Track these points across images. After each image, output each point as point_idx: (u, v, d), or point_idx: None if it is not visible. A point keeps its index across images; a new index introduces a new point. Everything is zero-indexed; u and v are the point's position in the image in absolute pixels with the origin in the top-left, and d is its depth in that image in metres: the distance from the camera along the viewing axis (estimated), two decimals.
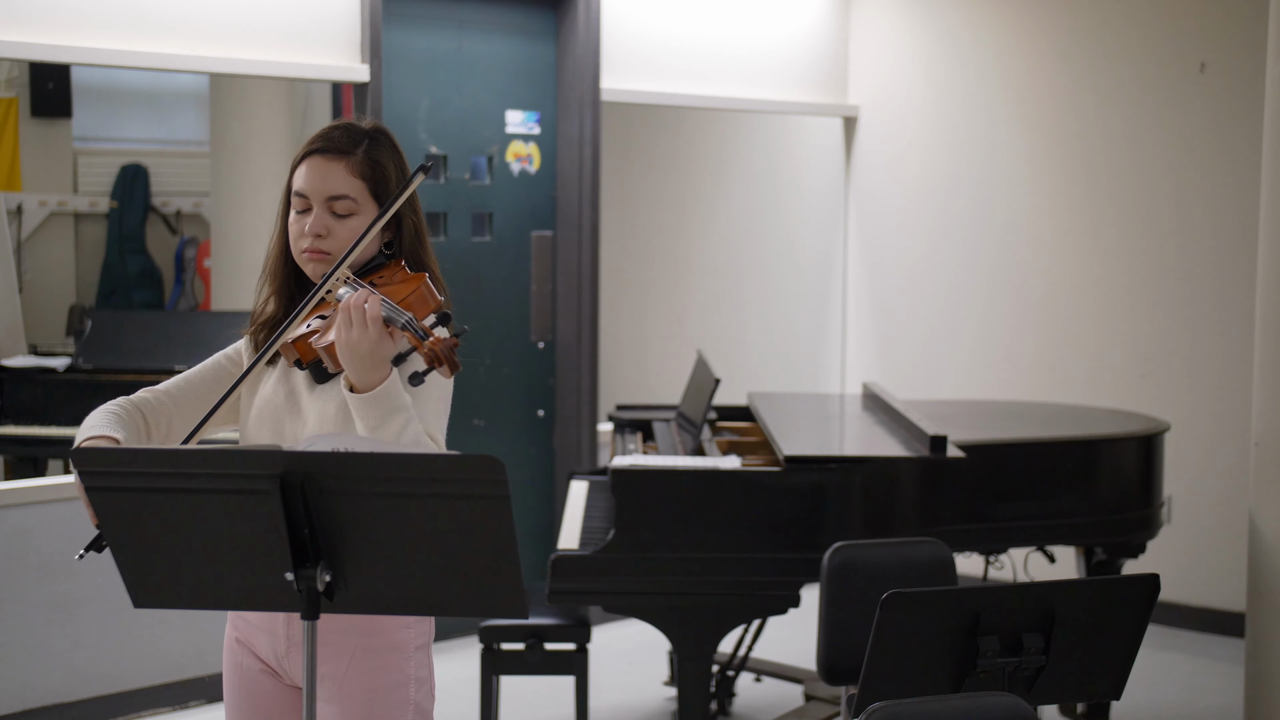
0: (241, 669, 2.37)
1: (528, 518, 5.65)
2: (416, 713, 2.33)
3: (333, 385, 2.29)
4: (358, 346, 2.09)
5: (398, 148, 2.35)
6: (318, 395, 2.29)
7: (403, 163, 2.34)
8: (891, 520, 3.71)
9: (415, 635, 2.34)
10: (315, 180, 2.26)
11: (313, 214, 2.26)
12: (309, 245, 2.26)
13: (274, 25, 4.75)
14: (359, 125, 2.33)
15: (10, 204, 6.77)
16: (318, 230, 2.25)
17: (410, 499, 1.88)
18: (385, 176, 2.30)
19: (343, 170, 2.26)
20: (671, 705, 4.76)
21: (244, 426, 2.35)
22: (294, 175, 2.30)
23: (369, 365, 2.10)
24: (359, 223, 2.27)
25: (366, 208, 2.28)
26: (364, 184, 2.27)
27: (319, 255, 2.26)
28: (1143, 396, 5.66)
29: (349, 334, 2.09)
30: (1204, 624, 5.61)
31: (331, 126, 2.32)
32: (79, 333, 5.79)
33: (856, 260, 6.67)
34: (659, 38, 5.85)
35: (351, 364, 2.11)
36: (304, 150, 2.30)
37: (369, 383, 2.11)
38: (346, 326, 2.10)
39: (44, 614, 4.43)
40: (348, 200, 2.26)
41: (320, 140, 2.29)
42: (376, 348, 2.10)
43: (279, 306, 2.34)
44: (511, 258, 5.63)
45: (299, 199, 2.28)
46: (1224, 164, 5.49)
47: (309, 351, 2.22)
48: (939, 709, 2.28)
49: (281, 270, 2.34)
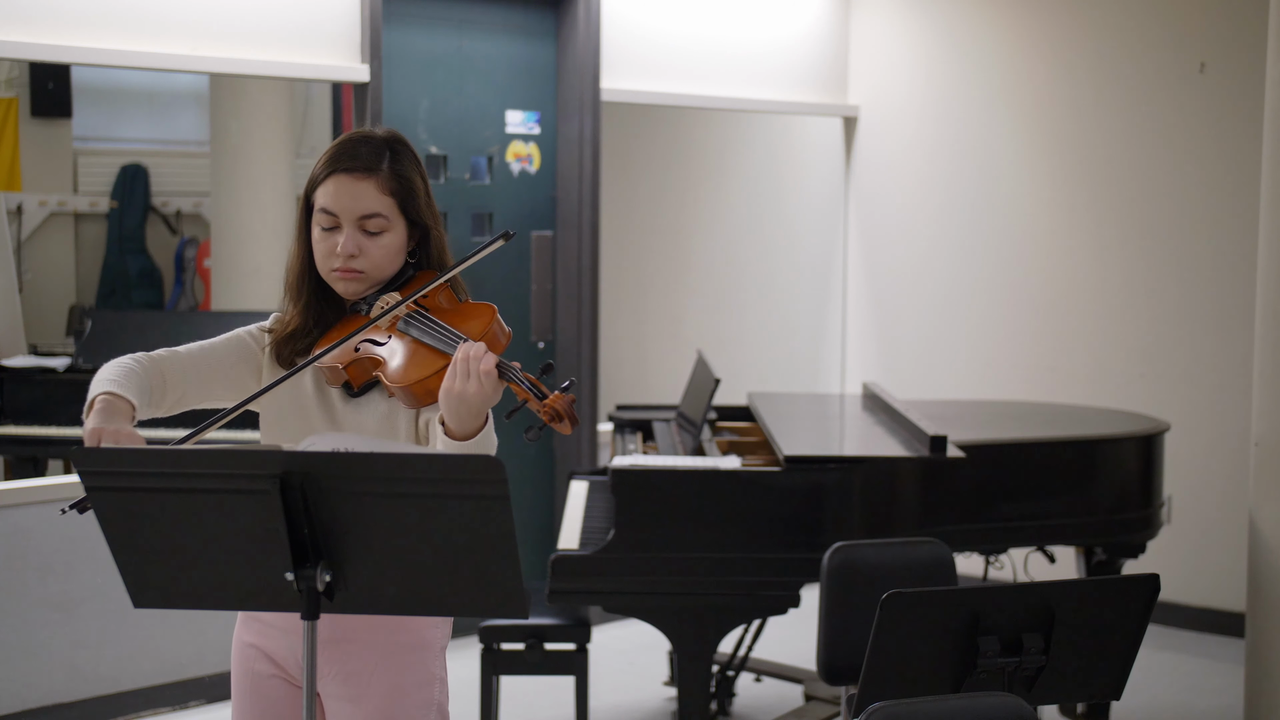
0: (252, 674, 2.34)
1: (528, 518, 5.65)
2: (439, 714, 2.32)
3: (370, 399, 2.28)
4: (472, 400, 2.07)
5: (416, 155, 2.34)
6: (354, 407, 2.28)
7: (423, 170, 2.34)
8: (891, 520, 3.71)
9: (441, 635, 2.34)
10: (346, 200, 2.24)
11: (344, 234, 2.24)
12: (341, 265, 2.25)
13: (274, 25, 4.75)
14: (376, 135, 2.30)
15: (10, 204, 6.78)
16: (351, 250, 2.24)
17: (410, 499, 1.88)
18: (413, 190, 2.29)
19: (373, 189, 2.25)
20: (671, 705, 4.76)
21: (265, 415, 2.32)
22: (318, 192, 2.27)
23: (473, 414, 2.08)
24: (391, 239, 2.27)
25: (397, 223, 2.27)
26: (393, 200, 2.27)
27: (353, 274, 2.26)
28: (1143, 396, 5.66)
29: (464, 385, 2.06)
30: (1204, 624, 5.61)
31: (351, 140, 2.29)
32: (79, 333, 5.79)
33: (856, 260, 6.67)
34: (659, 38, 5.85)
35: (456, 412, 2.08)
36: (328, 168, 2.26)
37: (469, 430, 2.09)
38: (463, 378, 2.07)
39: (44, 614, 4.43)
40: (380, 219, 2.25)
41: (346, 158, 2.26)
42: (488, 400, 2.08)
43: (304, 322, 2.32)
44: (511, 258, 5.63)
45: (327, 216, 2.26)
46: (1224, 164, 5.49)
47: (361, 375, 2.22)
48: (939, 709, 2.28)
49: (305, 287, 2.32)
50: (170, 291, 7.36)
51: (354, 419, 2.28)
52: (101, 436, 2.04)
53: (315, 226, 2.28)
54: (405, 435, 2.27)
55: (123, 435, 2.05)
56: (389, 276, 2.29)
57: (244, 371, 2.32)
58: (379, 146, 2.28)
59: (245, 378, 2.32)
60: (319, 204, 2.27)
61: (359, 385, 2.26)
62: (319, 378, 2.31)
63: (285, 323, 2.34)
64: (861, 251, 6.64)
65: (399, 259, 2.30)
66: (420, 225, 2.31)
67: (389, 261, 2.28)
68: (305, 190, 2.31)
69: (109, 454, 1.95)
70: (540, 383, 2.14)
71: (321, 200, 2.26)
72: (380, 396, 2.29)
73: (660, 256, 6.73)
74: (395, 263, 2.29)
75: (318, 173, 2.28)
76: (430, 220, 2.32)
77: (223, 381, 2.29)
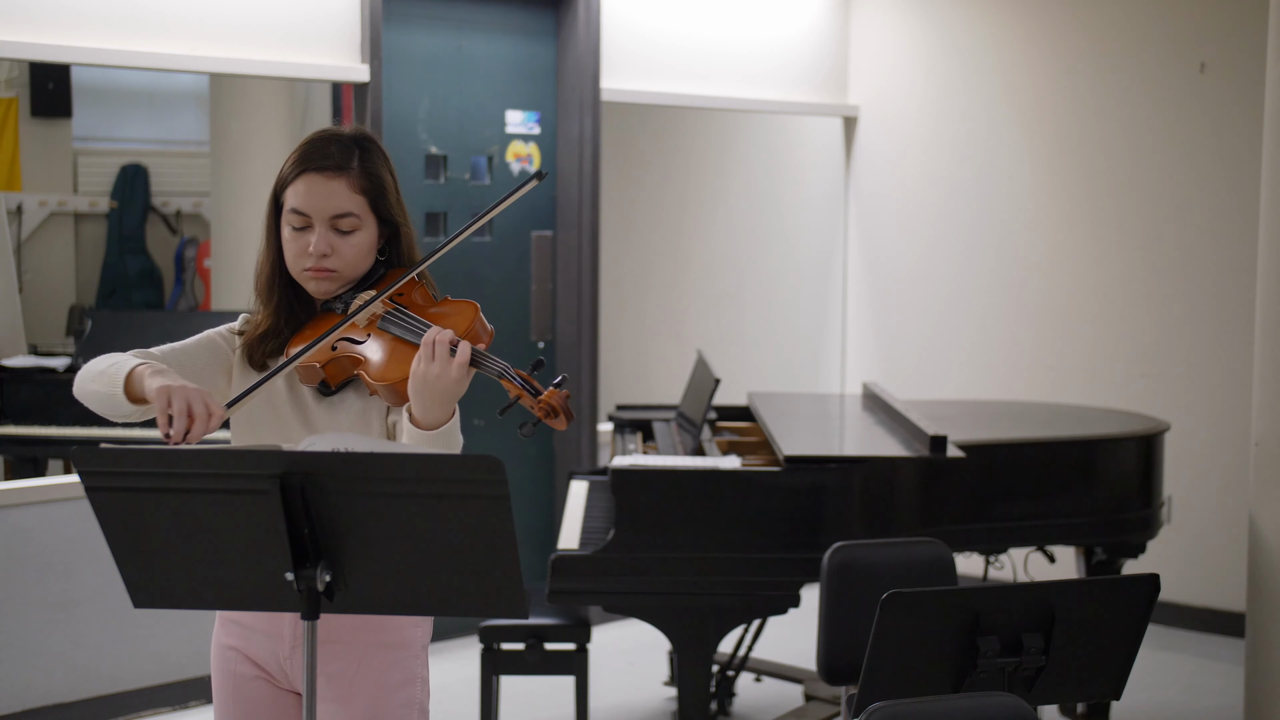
0: (234, 676, 2.33)
1: (528, 518, 5.65)
2: (420, 713, 2.32)
3: (344, 398, 2.28)
4: (436, 383, 2.07)
5: (385, 153, 2.34)
6: (327, 407, 2.28)
7: (392, 168, 2.34)
8: (891, 520, 3.71)
9: (421, 634, 2.34)
10: (317, 200, 2.24)
11: (315, 233, 2.24)
12: (314, 264, 2.25)
13: (274, 25, 4.75)
14: (344, 134, 2.30)
15: (10, 204, 6.77)
16: (323, 250, 2.24)
17: (410, 499, 1.88)
18: (384, 187, 2.29)
19: (344, 187, 2.25)
20: (671, 705, 4.76)
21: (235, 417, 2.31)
22: (288, 192, 2.27)
23: (441, 402, 2.09)
24: (362, 238, 2.27)
25: (368, 222, 2.28)
26: (364, 198, 2.27)
27: (325, 274, 2.25)
28: (1143, 396, 5.66)
29: (429, 368, 2.07)
30: (1204, 624, 5.61)
31: (319, 140, 2.28)
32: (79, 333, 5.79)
33: (856, 260, 6.67)
34: (659, 38, 5.85)
35: (422, 399, 2.08)
36: (297, 168, 2.26)
37: (434, 420, 2.09)
38: (429, 360, 2.08)
39: (44, 614, 4.43)
40: (352, 217, 2.25)
41: (316, 157, 2.25)
42: (455, 386, 2.08)
43: (275, 323, 2.31)
44: (511, 258, 5.63)
45: (298, 216, 2.25)
46: (1224, 164, 5.49)
47: (339, 374, 2.22)
48: (939, 709, 2.28)
49: (276, 288, 2.31)
50: (170, 291, 7.36)
51: (328, 418, 2.27)
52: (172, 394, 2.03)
53: (285, 226, 2.28)
54: (378, 435, 2.27)
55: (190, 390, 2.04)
56: (361, 275, 2.29)
57: (215, 372, 2.31)
58: (348, 145, 2.28)
59: (217, 378, 2.31)
60: (289, 204, 2.26)
61: (336, 384, 2.25)
62: (292, 377, 2.30)
63: (256, 324, 2.32)
64: (861, 251, 6.64)
65: (370, 257, 2.30)
66: (390, 223, 2.31)
67: (361, 260, 2.28)
68: (274, 190, 2.30)
69: (109, 454, 1.95)
70: (533, 379, 2.13)
71: (292, 200, 2.26)
72: (355, 395, 2.28)
73: (660, 256, 6.73)
74: (367, 261, 2.29)
75: (286, 172, 2.28)
76: (400, 218, 2.32)
77: (194, 382, 2.28)
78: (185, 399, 2.03)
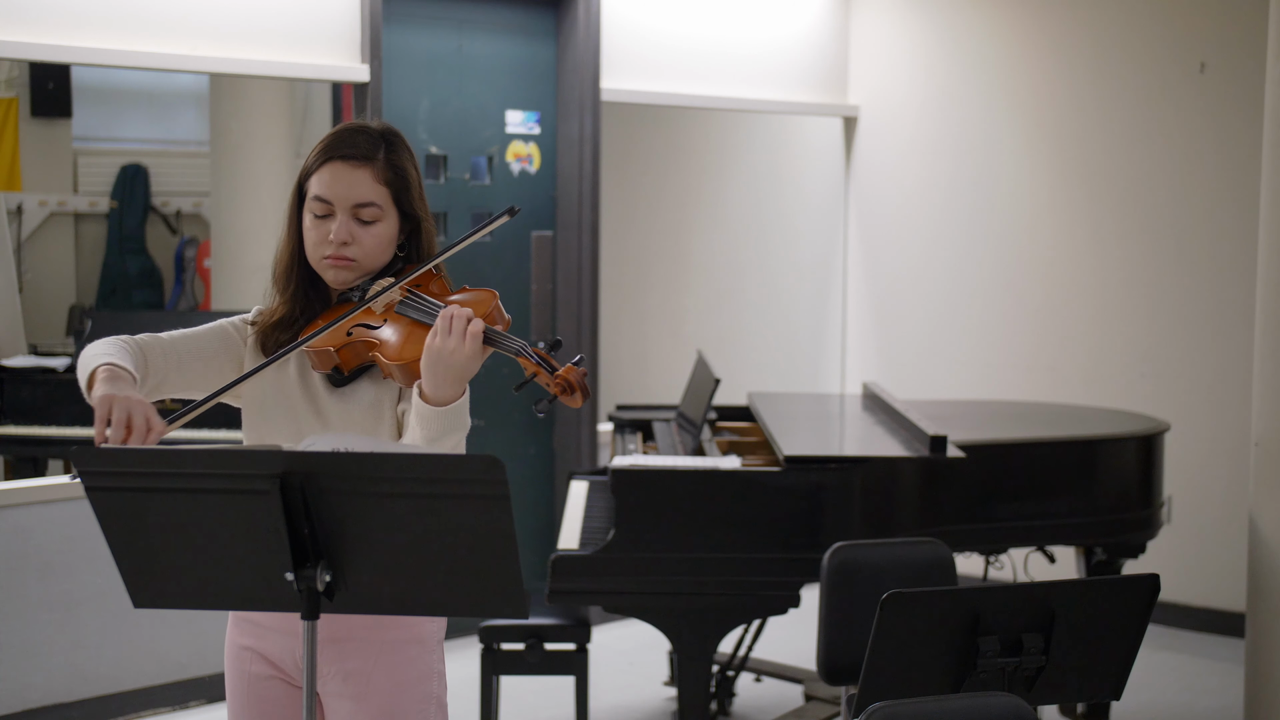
0: (248, 676, 2.33)
1: (528, 518, 5.65)
2: (438, 707, 2.32)
3: (356, 388, 2.28)
4: (450, 357, 2.08)
5: (410, 149, 2.34)
6: (339, 398, 2.28)
7: (416, 163, 2.35)
8: (891, 520, 3.71)
9: (436, 629, 2.34)
10: (341, 188, 2.24)
11: (337, 221, 2.24)
12: (333, 252, 2.25)
13: (274, 25, 4.75)
14: (371, 127, 2.31)
15: (10, 204, 6.77)
16: (344, 238, 2.24)
17: (410, 499, 1.88)
18: (407, 181, 2.29)
19: (368, 177, 2.25)
20: (671, 705, 4.76)
21: (247, 408, 2.32)
22: (312, 180, 2.27)
23: (453, 378, 2.09)
24: (383, 229, 2.27)
25: (390, 214, 2.28)
26: (388, 190, 2.27)
27: (344, 262, 2.25)
28: (1143, 396, 5.66)
29: (445, 342, 2.08)
30: (1204, 624, 5.61)
31: (346, 130, 2.29)
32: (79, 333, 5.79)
33: (856, 260, 6.67)
34: (659, 38, 5.85)
35: (435, 373, 2.09)
36: (322, 155, 2.27)
37: (445, 397, 2.09)
38: (445, 334, 2.08)
39: (44, 614, 4.43)
40: (374, 208, 2.26)
41: (342, 145, 2.26)
42: (469, 362, 2.09)
43: (291, 310, 2.31)
44: (511, 258, 5.63)
45: (320, 204, 2.25)
46: (1224, 164, 5.49)
47: (354, 359, 2.22)
48: (939, 709, 2.28)
49: (294, 275, 2.31)
50: (170, 291, 7.36)
51: (340, 409, 2.27)
52: (113, 403, 2.02)
53: (307, 214, 2.28)
54: (390, 424, 2.27)
55: (133, 402, 2.03)
56: (379, 267, 2.30)
57: (225, 361, 2.31)
58: (375, 137, 2.29)
59: (225, 367, 2.31)
60: (312, 192, 2.27)
61: (350, 369, 2.24)
62: (304, 365, 2.30)
63: (271, 311, 2.33)
64: (861, 251, 6.64)
65: (389, 250, 2.30)
66: (412, 217, 2.31)
67: (380, 251, 2.28)
68: (298, 179, 2.31)
69: (109, 454, 1.95)
70: (550, 356, 2.14)
71: (315, 188, 2.26)
72: (368, 385, 2.28)
73: (660, 256, 6.73)
74: (386, 253, 2.29)
75: (311, 161, 2.28)
76: (422, 213, 2.32)
77: (203, 368, 2.28)
78: (126, 409, 2.02)
